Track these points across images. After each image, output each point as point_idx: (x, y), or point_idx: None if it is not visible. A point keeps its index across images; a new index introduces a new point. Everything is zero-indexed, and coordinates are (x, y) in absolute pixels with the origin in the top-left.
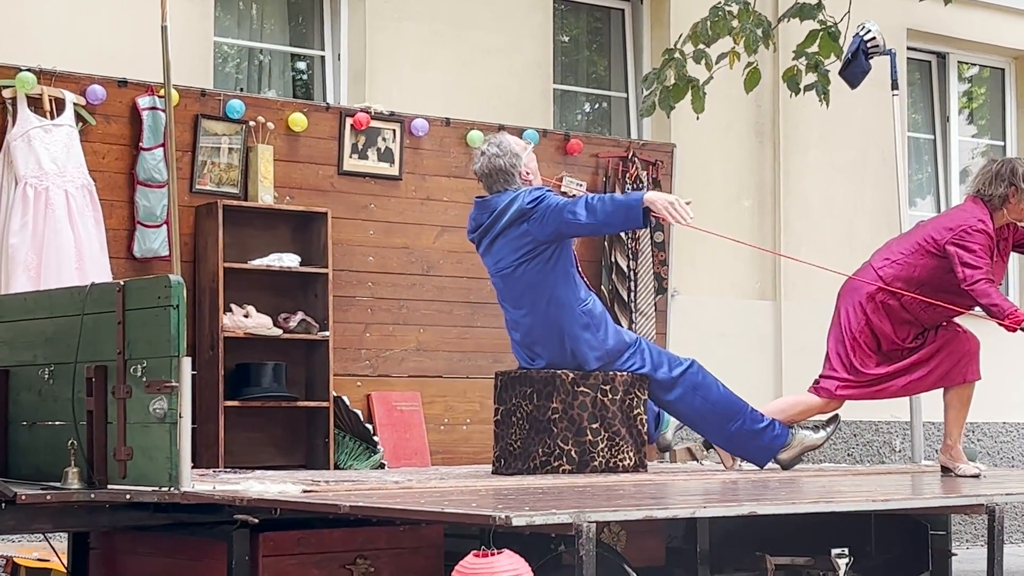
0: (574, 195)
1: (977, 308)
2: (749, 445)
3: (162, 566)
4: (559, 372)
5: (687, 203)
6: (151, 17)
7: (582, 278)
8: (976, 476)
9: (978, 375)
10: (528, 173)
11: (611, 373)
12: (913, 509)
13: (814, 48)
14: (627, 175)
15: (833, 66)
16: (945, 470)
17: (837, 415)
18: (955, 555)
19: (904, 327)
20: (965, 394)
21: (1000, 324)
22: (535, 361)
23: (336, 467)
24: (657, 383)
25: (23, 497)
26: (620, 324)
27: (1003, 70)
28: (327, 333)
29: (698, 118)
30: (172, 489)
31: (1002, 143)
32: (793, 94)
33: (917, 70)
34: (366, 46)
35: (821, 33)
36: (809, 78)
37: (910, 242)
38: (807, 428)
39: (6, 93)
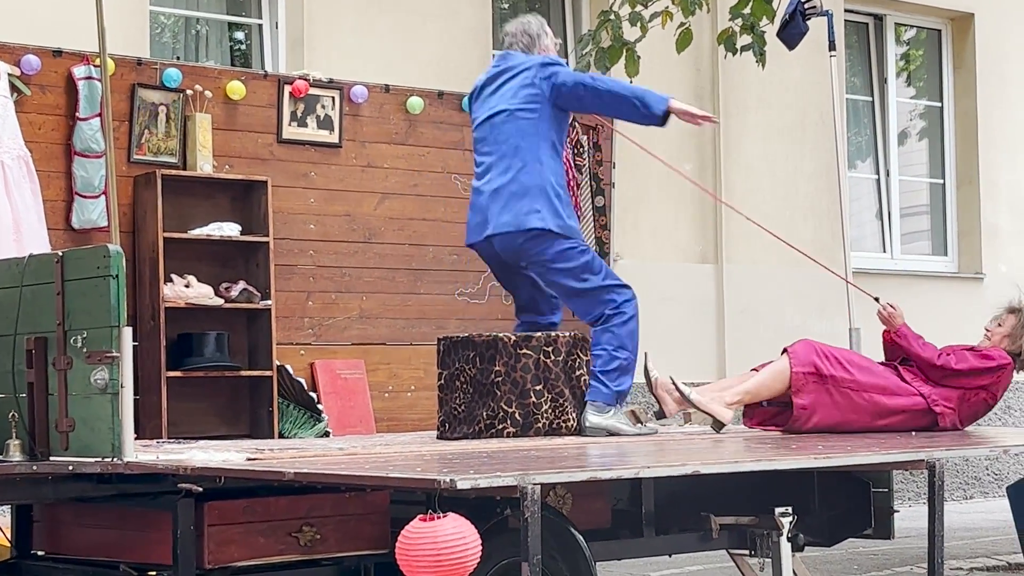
0: None
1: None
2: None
3: (107, 537)
4: (501, 335)
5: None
6: None
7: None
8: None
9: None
10: (548, 50)
11: (554, 334)
12: (855, 466)
13: (748, 10)
14: (567, 138)
15: (768, 28)
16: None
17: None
18: (897, 512)
19: None
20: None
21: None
22: (486, 224)
23: (280, 436)
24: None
25: None
26: None
27: (940, 31)
28: (269, 302)
29: (632, 81)
30: (115, 460)
31: (939, 104)
32: (729, 54)
33: (854, 32)
34: (304, 13)
35: None
36: (744, 39)
37: None
38: (649, 421)
39: None
